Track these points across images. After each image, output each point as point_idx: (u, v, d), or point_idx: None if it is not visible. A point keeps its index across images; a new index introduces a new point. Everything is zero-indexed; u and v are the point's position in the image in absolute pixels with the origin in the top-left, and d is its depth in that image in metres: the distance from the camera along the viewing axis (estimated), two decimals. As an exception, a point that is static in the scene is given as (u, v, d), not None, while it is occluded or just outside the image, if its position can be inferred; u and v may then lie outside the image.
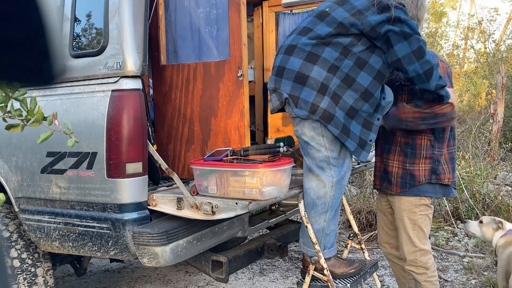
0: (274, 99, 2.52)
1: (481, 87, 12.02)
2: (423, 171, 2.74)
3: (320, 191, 2.57)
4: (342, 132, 2.47)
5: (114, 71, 2.50)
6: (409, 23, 2.38)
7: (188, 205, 2.50)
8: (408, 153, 2.76)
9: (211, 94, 2.72)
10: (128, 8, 2.47)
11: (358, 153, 2.54)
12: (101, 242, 2.55)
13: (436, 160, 2.74)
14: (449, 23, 19.02)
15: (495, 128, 8.36)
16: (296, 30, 2.55)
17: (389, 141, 2.86)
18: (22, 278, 2.80)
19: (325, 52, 2.42)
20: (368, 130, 2.55)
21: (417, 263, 2.82)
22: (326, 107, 2.42)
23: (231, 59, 2.64)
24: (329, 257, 2.74)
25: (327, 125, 2.44)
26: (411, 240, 2.81)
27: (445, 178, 2.76)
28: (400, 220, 2.85)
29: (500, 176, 6.68)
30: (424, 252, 2.82)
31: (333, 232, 2.72)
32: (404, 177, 2.77)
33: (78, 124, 2.53)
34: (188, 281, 4.11)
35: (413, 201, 2.78)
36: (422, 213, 2.80)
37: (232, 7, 2.62)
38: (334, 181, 2.56)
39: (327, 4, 2.50)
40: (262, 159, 2.45)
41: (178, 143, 2.88)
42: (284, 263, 4.50)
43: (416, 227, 2.81)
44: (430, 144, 2.73)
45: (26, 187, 2.77)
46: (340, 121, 2.45)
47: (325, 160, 2.55)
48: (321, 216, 2.64)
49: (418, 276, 2.82)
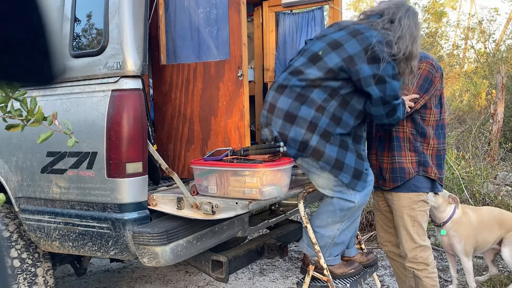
0: (265, 132, 2.60)
1: (481, 87, 12.02)
2: (410, 163, 2.82)
3: (345, 204, 2.61)
4: (334, 167, 2.52)
5: (114, 71, 2.50)
6: (392, 85, 2.46)
7: (188, 205, 2.50)
8: (394, 146, 2.85)
9: (211, 94, 2.72)
10: (128, 8, 2.47)
11: (354, 184, 2.58)
12: (101, 242, 2.55)
13: (421, 152, 2.83)
14: (449, 23, 19.02)
15: (495, 128, 8.36)
16: (289, 68, 2.60)
17: (381, 139, 2.94)
18: (22, 278, 2.80)
19: (314, 93, 2.50)
20: (362, 161, 2.61)
21: (417, 259, 2.85)
22: (315, 145, 2.49)
23: (231, 59, 2.64)
24: (332, 264, 2.76)
25: (317, 161, 2.51)
26: (411, 237, 2.85)
27: (431, 172, 2.84)
28: (399, 217, 2.88)
29: (500, 176, 6.68)
30: (424, 248, 2.86)
31: (342, 244, 2.75)
32: (395, 171, 2.85)
33: (78, 124, 2.53)
34: (188, 281, 4.11)
35: (412, 197, 2.84)
36: (421, 209, 2.86)
37: (232, 6, 2.62)
38: (358, 203, 2.61)
39: (321, 46, 2.53)
40: (262, 158, 2.45)
41: (178, 143, 2.88)
42: (284, 263, 4.50)
43: (415, 224, 2.85)
44: (412, 137, 2.83)
45: (26, 187, 2.77)
46: (332, 157, 2.50)
47: (339, 184, 2.59)
48: (335, 225, 2.67)
49: (419, 273, 2.85)
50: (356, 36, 2.45)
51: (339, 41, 2.48)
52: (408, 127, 2.83)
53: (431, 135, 2.85)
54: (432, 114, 2.85)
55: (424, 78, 2.78)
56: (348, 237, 2.78)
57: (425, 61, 2.81)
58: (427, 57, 2.86)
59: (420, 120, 2.83)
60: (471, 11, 18.83)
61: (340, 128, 2.54)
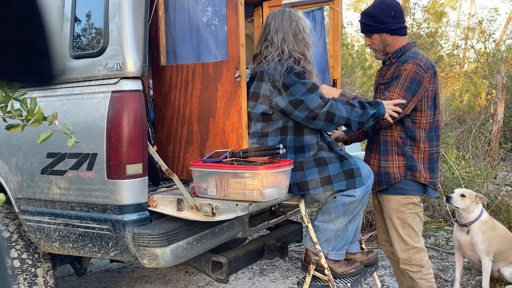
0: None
1: (481, 87, 12.02)
2: (397, 167, 2.78)
3: (347, 199, 2.67)
4: (324, 185, 2.61)
5: (114, 72, 2.49)
6: (310, 98, 2.60)
7: (188, 207, 2.50)
8: (381, 150, 2.83)
9: (209, 95, 2.72)
10: (128, 9, 2.47)
11: (353, 184, 2.63)
12: (101, 243, 2.55)
13: (410, 156, 2.77)
14: (449, 23, 19.02)
15: (495, 128, 8.37)
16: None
17: (371, 140, 2.95)
18: (22, 278, 2.80)
19: (270, 141, 2.73)
20: (346, 159, 2.67)
21: (411, 261, 2.83)
22: (296, 181, 2.64)
23: (229, 59, 2.64)
24: (336, 260, 2.77)
25: (307, 191, 2.63)
26: (402, 239, 2.83)
27: (420, 177, 2.77)
28: (389, 219, 2.87)
29: (500, 176, 6.68)
30: (417, 250, 2.83)
31: (345, 238, 2.79)
32: (380, 175, 2.83)
33: (78, 125, 2.53)
34: (188, 281, 4.11)
35: (400, 200, 2.81)
36: (411, 212, 2.82)
37: (230, 7, 2.62)
38: (359, 195, 2.68)
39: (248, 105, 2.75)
40: (262, 160, 2.45)
41: (177, 144, 2.87)
42: (284, 263, 4.50)
43: (406, 226, 2.82)
44: (401, 141, 2.78)
45: (26, 188, 2.77)
46: (316, 179, 2.61)
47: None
48: (339, 219, 2.72)
49: (413, 274, 2.84)
50: (263, 78, 2.69)
51: (255, 91, 2.71)
52: (396, 131, 2.78)
53: (421, 138, 2.77)
54: (424, 116, 2.76)
55: (410, 79, 2.67)
56: (351, 231, 2.79)
57: (411, 62, 2.71)
58: (415, 57, 2.74)
59: (410, 123, 2.75)
60: (471, 11, 18.85)
61: (307, 152, 2.68)
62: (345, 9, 20.08)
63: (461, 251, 3.73)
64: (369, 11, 2.87)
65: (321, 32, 3.87)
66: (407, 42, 2.87)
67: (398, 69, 2.75)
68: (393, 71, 2.80)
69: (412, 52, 2.79)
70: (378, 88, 2.95)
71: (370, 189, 2.74)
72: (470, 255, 3.67)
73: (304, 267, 2.85)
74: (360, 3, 19.71)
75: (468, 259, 3.80)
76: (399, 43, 2.85)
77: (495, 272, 3.75)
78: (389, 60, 2.88)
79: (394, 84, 2.72)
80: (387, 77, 2.84)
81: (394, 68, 2.81)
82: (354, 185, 2.62)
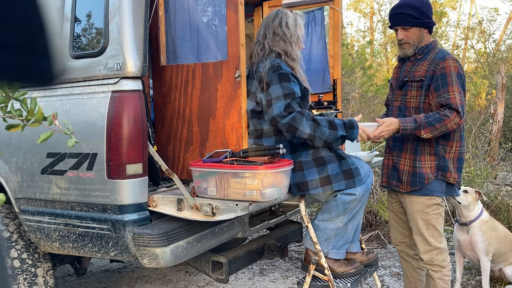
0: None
1: (481, 87, 12.02)
2: (429, 168, 2.74)
3: (347, 197, 2.68)
4: (323, 185, 2.62)
5: (114, 72, 2.49)
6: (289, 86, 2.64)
7: (188, 206, 2.50)
8: (414, 149, 2.77)
9: (209, 94, 2.72)
10: (128, 9, 2.47)
11: (352, 184, 2.65)
12: (101, 243, 2.55)
13: (442, 157, 2.73)
14: (449, 23, 19.02)
15: (495, 128, 8.37)
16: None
17: (401, 139, 2.84)
18: (22, 278, 2.80)
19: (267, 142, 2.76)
20: (344, 159, 2.68)
21: (433, 261, 2.82)
22: (296, 181, 2.65)
23: (229, 59, 2.64)
24: (336, 259, 2.77)
25: (307, 191, 2.64)
26: (426, 240, 2.81)
27: (450, 177, 2.75)
28: (413, 221, 2.84)
29: (500, 176, 6.68)
30: (440, 250, 2.82)
31: (345, 236, 2.79)
32: (414, 175, 2.77)
33: (78, 125, 2.53)
34: (188, 281, 4.11)
35: (424, 201, 2.78)
36: (435, 212, 2.79)
37: (230, 7, 2.62)
38: (359, 194, 2.70)
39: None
40: (262, 160, 2.45)
41: (177, 144, 2.87)
42: (284, 263, 4.50)
43: (430, 227, 2.80)
44: (434, 140, 2.72)
45: (26, 188, 2.77)
46: (315, 179, 2.61)
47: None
48: (339, 217, 2.73)
49: (433, 273, 2.83)
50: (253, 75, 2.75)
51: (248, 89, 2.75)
52: None
53: (455, 138, 2.74)
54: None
55: (457, 75, 2.65)
56: (351, 230, 2.79)
57: (450, 59, 2.67)
58: (449, 54, 2.74)
59: None
60: (471, 11, 18.85)
61: (304, 151, 2.68)
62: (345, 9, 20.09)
63: (461, 251, 3.73)
64: (412, 3, 2.73)
65: (321, 32, 3.87)
66: (433, 40, 2.87)
67: (440, 67, 2.67)
68: (428, 69, 2.71)
69: (441, 50, 2.78)
70: (405, 84, 2.82)
71: (370, 188, 2.74)
72: (470, 255, 3.67)
73: (304, 267, 2.85)
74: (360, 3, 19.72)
75: (468, 259, 3.80)
76: (428, 40, 2.83)
77: (496, 271, 3.75)
78: (414, 56, 2.83)
79: (447, 83, 2.64)
80: (420, 74, 2.74)
81: (427, 65, 2.73)
82: (353, 185, 2.64)
